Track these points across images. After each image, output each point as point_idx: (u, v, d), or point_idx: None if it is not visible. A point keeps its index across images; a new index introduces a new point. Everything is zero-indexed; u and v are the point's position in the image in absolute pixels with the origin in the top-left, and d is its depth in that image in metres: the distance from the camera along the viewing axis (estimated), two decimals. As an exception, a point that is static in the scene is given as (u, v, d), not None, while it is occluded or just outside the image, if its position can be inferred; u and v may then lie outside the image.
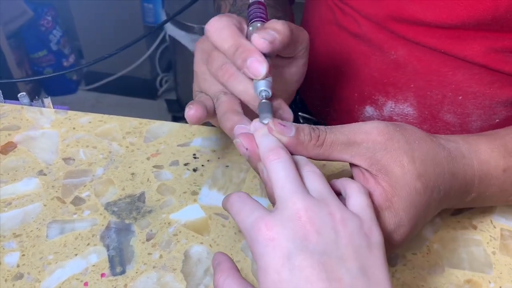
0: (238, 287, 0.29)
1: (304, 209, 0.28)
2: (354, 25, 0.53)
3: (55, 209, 0.43)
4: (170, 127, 0.51)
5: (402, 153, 0.32)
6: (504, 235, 0.43)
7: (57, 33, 1.82)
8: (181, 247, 0.40)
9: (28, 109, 0.52)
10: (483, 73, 0.48)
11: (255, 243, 0.28)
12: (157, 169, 0.46)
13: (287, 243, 0.27)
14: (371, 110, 0.56)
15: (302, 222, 0.27)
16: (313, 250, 0.27)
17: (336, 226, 0.28)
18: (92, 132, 0.50)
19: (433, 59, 0.49)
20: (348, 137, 0.32)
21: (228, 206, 0.32)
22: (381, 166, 0.32)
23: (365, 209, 0.30)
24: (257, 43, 0.34)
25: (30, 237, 0.40)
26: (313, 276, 0.26)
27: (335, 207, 0.29)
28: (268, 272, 0.27)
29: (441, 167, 0.34)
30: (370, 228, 0.29)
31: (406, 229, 0.33)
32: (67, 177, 0.45)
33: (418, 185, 0.32)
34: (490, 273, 0.40)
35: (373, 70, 0.54)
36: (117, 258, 0.39)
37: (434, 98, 0.51)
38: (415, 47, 0.49)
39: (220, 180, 0.46)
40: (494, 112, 0.51)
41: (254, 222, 0.28)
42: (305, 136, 0.32)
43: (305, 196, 0.29)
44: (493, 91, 0.49)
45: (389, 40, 0.50)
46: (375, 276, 0.27)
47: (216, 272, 0.31)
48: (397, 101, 0.54)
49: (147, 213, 0.43)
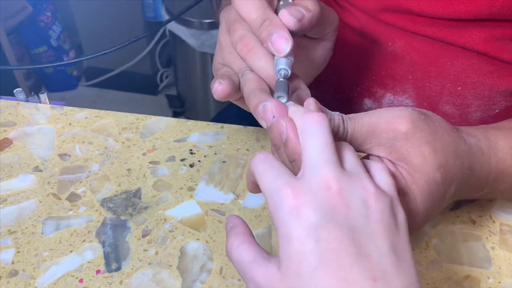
0: (254, 253, 0.28)
1: (335, 179, 0.26)
2: (352, 18, 0.52)
3: (51, 205, 0.42)
4: (166, 122, 0.51)
5: (424, 142, 0.32)
6: (504, 230, 0.43)
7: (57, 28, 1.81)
8: (177, 243, 0.40)
9: (24, 105, 0.52)
10: (482, 62, 0.47)
11: (279, 210, 0.26)
12: (153, 165, 0.46)
13: (314, 213, 0.25)
14: (370, 102, 0.56)
15: (332, 193, 0.26)
16: (341, 223, 0.25)
17: (368, 201, 0.26)
18: (88, 128, 0.49)
19: (431, 50, 0.48)
20: (369, 128, 0.31)
21: (253, 166, 0.29)
22: (400, 155, 0.32)
23: (392, 188, 0.29)
24: (285, 19, 0.33)
25: (25, 234, 0.40)
26: (341, 249, 0.24)
27: (368, 181, 0.27)
28: (292, 241, 0.25)
29: (461, 160, 0.34)
30: (397, 208, 0.28)
31: (420, 218, 0.32)
32: (63, 173, 0.45)
33: (437, 176, 0.32)
34: (489, 268, 0.40)
35: (370, 63, 0.53)
36: (113, 255, 0.39)
37: (433, 89, 0.51)
38: (413, 38, 0.49)
39: (217, 175, 0.46)
40: (494, 102, 0.50)
41: (279, 187, 0.26)
42: (334, 126, 0.31)
43: (338, 167, 0.27)
44: (492, 81, 0.48)
45: (386, 32, 0.50)
46: (402, 256, 0.26)
47: (230, 235, 0.29)
48: (395, 93, 0.53)
49: (143, 209, 0.42)
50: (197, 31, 1.47)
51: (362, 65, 0.54)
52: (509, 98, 0.50)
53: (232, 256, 0.29)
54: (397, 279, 0.25)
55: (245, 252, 0.28)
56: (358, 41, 0.53)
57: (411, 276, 0.26)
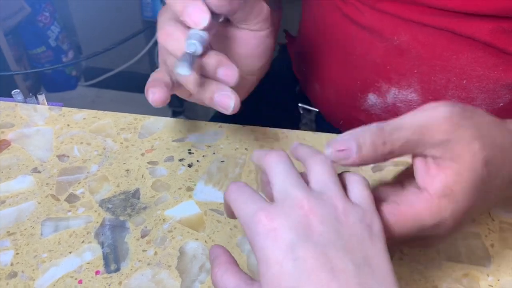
0: (237, 281, 0.28)
1: (305, 199, 0.27)
2: (356, 12, 0.52)
3: (50, 206, 0.42)
4: (165, 122, 0.51)
5: (473, 139, 0.31)
6: (503, 228, 0.43)
7: (55, 29, 1.81)
8: (176, 243, 0.40)
9: (22, 106, 0.52)
10: (487, 55, 0.47)
11: (255, 235, 0.27)
12: (151, 165, 0.46)
13: (289, 233, 0.26)
14: (374, 97, 0.56)
15: (305, 212, 0.27)
16: (316, 240, 0.26)
17: (339, 217, 0.27)
18: (87, 129, 0.49)
19: (437, 43, 0.48)
20: (419, 135, 0.30)
21: (227, 197, 0.30)
22: (454, 154, 0.31)
23: (366, 199, 0.29)
24: None
25: (24, 235, 0.40)
26: (317, 267, 0.25)
27: (338, 198, 0.28)
28: (270, 264, 0.26)
29: (508, 153, 0.33)
30: (371, 219, 0.28)
31: (461, 216, 0.31)
32: (61, 174, 0.45)
33: (484, 172, 0.31)
34: (488, 266, 0.40)
35: (375, 57, 0.53)
36: (112, 256, 0.39)
37: (438, 83, 0.51)
38: (419, 31, 0.49)
39: (216, 175, 0.46)
40: (499, 95, 0.50)
41: (253, 213, 0.27)
42: (368, 150, 0.30)
43: (306, 189, 0.28)
44: (497, 74, 0.49)
45: (391, 25, 0.50)
46: (379, 266, 0.27)
47: (214, 266, 0.30)
48: (400, 88, 0.53)
49: (141, 210, 0.42)
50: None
51: (367, 59, 0.54)
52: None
53: (217, 285, 0.29)
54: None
55: (228, 281, 0.29)
56: (363, 35, 0.53)
57: (388, 285, 0.26)
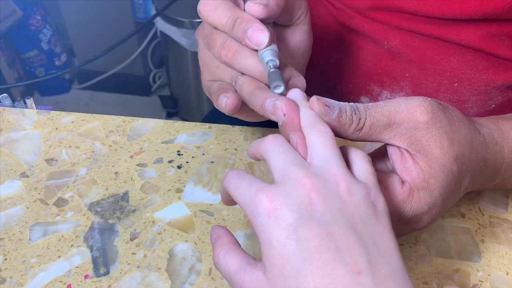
0: (239, 261, 0.28)
1: (307, 177, 0.26)
2: (346, 17, 0.52)
3: (38, 211, 0.42)
4: (153, 124, 0.50)
5: (442, 134, 0.31)
6: (493, 223, 0.43)
7: (47, 32, 1.80)
8: (166, 245, 0.40)
9: (10, 111, 0.51)
10: (477, 58, 0.47)
11: (256, 217, 0.26)
12: (140, 168, 0.46)
13: (291, 213, 0.25)
14: (366, 100, 0.56)
15: (307, 190, 0.26)
16: (320, 219, 0.25)
17: (342, 195, 0.26)
18: (75, 132, 0.49)
19: (427, 47, 0.48)
20: (389, 118, 0.31)
21: (225, 183, 0.30)
22: (421, 146, 0.31)
23: (370, 176, 0.29)
24: (252, 9, 0.33)
25: (13, 241, 0.40)
26: (322, 246, 0.24)
27: (341, 176, 0.27)
28: (273, 245, 0.25)
29: (476, 152, 0.33)
30: (376, 196, 0.28)
31: (438, 210, 0.32)
32: (50, 178, 0.45)
33: (454, 168, 0.31)
34: (478, 261, 0.40)
35: (367, 61, 0.53)
36: (101, 259, 0.39)
37: (430, 86, 0.51)
38: (408, 36, 0.49)
39: (205, 176, 0.45)
40: (490, 97, 0.50)
41: (253, 194, 0.26)
42: (346, 119, 0.30)
43: (306, 166, 0.27)
44: (488, 77, 0.49)
45: (382, 31, 0.50)
46: (384, 244, 0.26)
47: (215, 247, 0.29)
48: (392, 91, 0.53)
49: (131, 213, 0.42)
50: (188, 30, 1.47)
51: (358, 62, 0.54)
52: (505, 93, 0.50)
53: (219, 266, 0.29)
54: (381, 269, 0.25)
55: (231, 261, 0.28)
56: (354, 39, 0.53)
57: (395, 264, 0.26)
